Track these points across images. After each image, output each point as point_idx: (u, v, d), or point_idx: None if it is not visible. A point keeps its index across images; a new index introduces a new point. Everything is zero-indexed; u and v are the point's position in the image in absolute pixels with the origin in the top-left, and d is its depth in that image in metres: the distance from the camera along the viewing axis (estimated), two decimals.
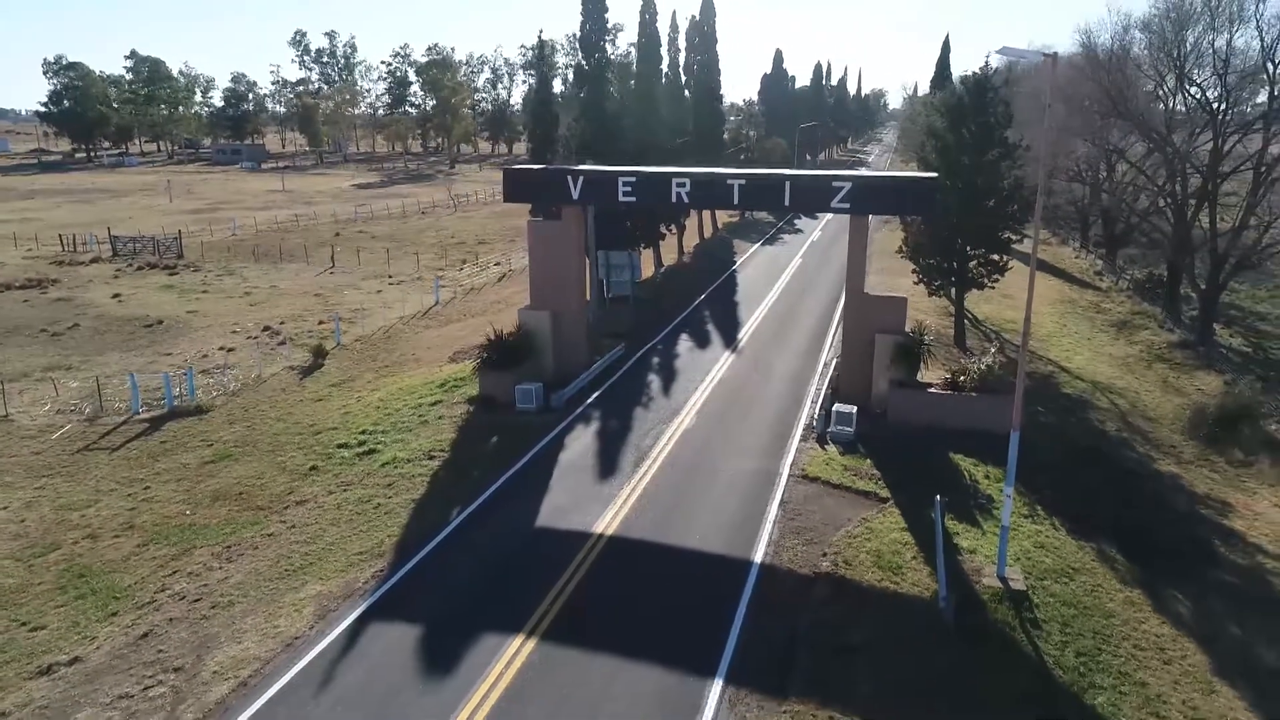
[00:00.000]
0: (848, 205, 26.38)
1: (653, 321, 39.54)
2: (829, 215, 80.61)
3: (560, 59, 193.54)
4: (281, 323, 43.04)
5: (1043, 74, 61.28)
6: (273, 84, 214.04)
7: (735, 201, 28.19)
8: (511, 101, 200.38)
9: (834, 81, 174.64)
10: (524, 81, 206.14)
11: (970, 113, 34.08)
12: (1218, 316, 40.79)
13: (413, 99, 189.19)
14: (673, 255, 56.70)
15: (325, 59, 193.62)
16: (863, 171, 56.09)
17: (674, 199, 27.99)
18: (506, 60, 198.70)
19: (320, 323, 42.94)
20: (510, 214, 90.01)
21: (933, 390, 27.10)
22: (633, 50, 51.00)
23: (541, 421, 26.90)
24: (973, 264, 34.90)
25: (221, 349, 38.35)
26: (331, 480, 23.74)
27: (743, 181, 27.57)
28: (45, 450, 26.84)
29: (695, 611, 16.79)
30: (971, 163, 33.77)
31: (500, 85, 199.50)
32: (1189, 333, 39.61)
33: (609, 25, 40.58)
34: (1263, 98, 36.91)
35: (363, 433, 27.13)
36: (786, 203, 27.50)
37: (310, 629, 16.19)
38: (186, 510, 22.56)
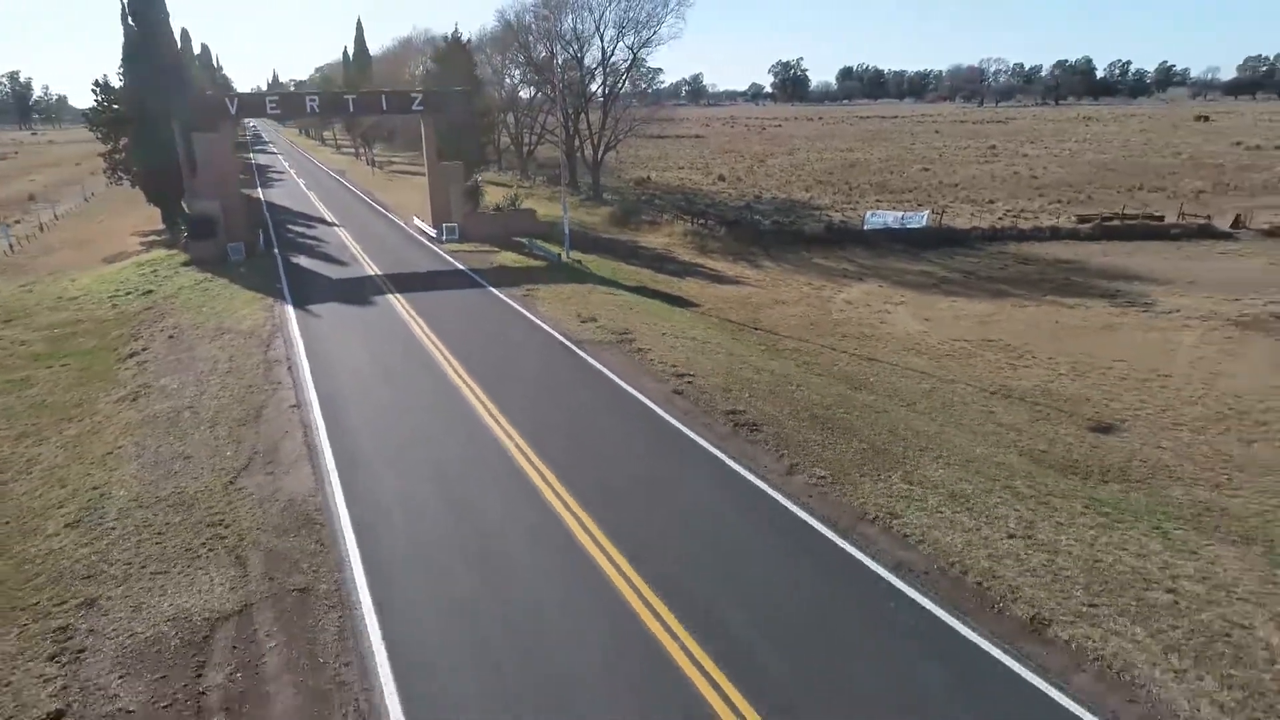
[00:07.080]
0: (422, 108, 44.31)
1: (250, 221, 51.35)
2: (289, 166, 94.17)
3: None
4: None
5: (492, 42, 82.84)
6: None
7: (350, 111, 43.80)
8: None
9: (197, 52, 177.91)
10: None
11: (453, 58, 53.95)
12: (602, 188, 68.57)
13: None
14: None
15: None
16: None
17: (308, 111, 42.42)
18: None
19: None
20: None
21: (486, 214, 47.10)
22: None
23: (263, 262, 39.51)
24: (486, 149, 55.33)
25: None
26: (148, 300, 33.82)
27: (355, 96, 43.49)
28: None
29: (461, 279, 34.35)
30: (460, 91, 53.74)
31: None
32: (589, 192, 66.51)
33: None
34: (598, 52, 64.70)
35: (117, 293, 36.21)
36: (384, 108, 44.23)
37: (267, 317, 29.38)
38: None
